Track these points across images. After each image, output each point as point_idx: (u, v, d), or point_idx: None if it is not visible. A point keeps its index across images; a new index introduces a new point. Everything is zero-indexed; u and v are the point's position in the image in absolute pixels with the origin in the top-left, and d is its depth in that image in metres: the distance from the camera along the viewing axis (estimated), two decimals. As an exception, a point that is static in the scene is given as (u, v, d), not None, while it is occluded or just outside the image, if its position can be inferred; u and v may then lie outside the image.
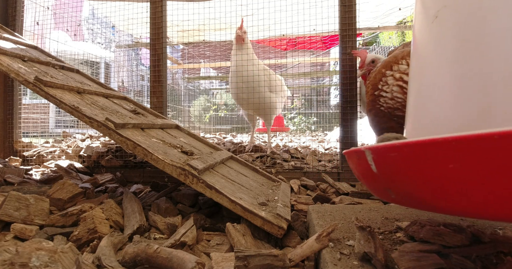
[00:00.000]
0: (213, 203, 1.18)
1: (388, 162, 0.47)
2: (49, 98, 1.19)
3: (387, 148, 0.46)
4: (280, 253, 0.70)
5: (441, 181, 0.40)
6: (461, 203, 0.40)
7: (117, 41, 5.51)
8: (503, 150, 0.32)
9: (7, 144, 2.11)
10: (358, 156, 0.55)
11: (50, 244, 0.74)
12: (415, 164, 0.43)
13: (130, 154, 1.93)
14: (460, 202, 0.40)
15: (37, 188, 1.23)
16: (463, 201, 0.39)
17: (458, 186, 0.38)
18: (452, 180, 0.39)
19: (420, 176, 0.43)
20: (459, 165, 0.37)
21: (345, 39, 1.81)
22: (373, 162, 0.50)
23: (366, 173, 0.54)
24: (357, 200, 1.31)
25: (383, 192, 0.54)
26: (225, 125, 8.08)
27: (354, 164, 0.60)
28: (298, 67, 6.94)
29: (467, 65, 0.57)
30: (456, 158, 0.37)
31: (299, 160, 2.07)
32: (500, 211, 0.36)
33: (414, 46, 0.78)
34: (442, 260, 0.60)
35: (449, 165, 0.37)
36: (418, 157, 0.42)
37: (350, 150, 0.59)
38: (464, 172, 0.37)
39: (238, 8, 2.35)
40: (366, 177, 0.57)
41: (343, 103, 1.81)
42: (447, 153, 0.38)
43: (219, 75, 8.04)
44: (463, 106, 0.57)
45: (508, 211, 0.35)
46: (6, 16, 2.20)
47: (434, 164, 0.40)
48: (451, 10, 0.61)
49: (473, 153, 0.35)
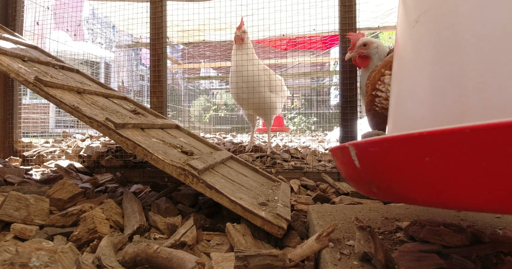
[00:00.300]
0: (213, 203, 1.18)
1: (370, 157, 0.50)
2: (49, 98, 1.19)
3: (368, 143, 0.48)
4: (280, 253, 0.70)
5: (418, 173, 0.42)
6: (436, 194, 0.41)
7: (117, 41, 5.51)
8: (474, 143, 0.35)
9: (7, 144, 2.11)
10: (342, 152, 0.57)
11: (50, 244, 0.74)
12: (394, 158, 0.45)
13: (130, 154, 1.93)
14: (436, 193, 0.41)
15: (37, 188, 1.23)
16: (438, 192, 0.41)
17: (434, 178, 0.40)
18: (428, 172, 0.41)
19: (398, 169, 0.46)
20: (434, 158, 0.39)
21: (345, 39, 1.81)
22: (356, 157, 0.52)
23: (350, 169, 0.57)
24: (357, 200, 1.31)
25: (365, 187, 0.56)
26: (225, 125, 8.08)
27: (339, 160, 0.63)
28: (298, 67, 6.94)
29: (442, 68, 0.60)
30: (431, 151, 0.39)
31: (299, 160, 2.07)
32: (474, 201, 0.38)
33: (396, 49, 0.81)
34: (442, 260, 0.60)
35: (425, 158, 0.40)
36: (397, 151, 0.44)
37: (334, 147, 0.62)
38: (439, 164, 0.39)
39: (238, 8, 2.35)
40: (349, 173, 0.59)
41: (343, 103, 1.81)
42: (423, 147, 0.40)
43: (219, 75, 8.04)
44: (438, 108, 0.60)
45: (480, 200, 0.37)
46: (6, 16, 2.20)
47: (411, 157, 0.42)
48: (430, 16, 0.63)
49: (446, 146, 0.37)
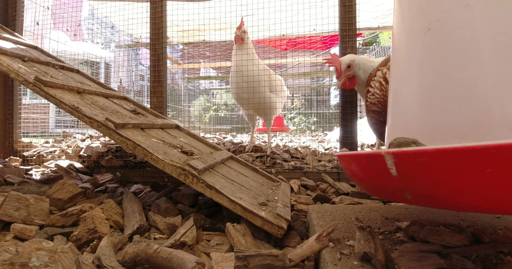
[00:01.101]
0: (213, 203, 1.18)
1: (415, 166, 0.50)
2: (49, 98, 1.19)
3: (416, 153, 0.49)
4: (280, 253, 0.70)
5: (477, 184, 0.44)
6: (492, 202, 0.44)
7: (116, 41, 5.51)
8: None
9: (7, 144, 2.11)
10: (371, 160, 0.58)
11: (50, 244, 0.74)
12: (450, 168, 0.46)
13: (130, 154, 1.93)
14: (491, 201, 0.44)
15: (37, 188, 1.23)
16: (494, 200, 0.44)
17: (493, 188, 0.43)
18: (488, 183, 0.43)
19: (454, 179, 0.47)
20: (495, 170, 0.41)
21: (345, 39, 1.81)
22: (394, 166, 0.53)
23: (380, 177, 0.57)
24: (357, 200, 1.31)
25: (395, 193, 0.58)
26: (225, 125, 8.08)
27: (361, 167, 0.62)
28: (298, 67, 6.94)
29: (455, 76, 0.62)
30: (493, 164, 0.41)
31: (299, 160, 2.07)
32: None
33: (393, 53, 0.81)
34: (442, 260, 0.60)
35: (486, 170, 0.42)
36: (454, 161, 0.46)
37: (356, 154, 0.62)
38: (499, 176, 0.41)
39: (238, 8, 2.35)
40: (377, 180, 0.60)
41: (343, 103, 1.81)
42: (486, 159, 0.42)
43: (219, 75, 8.04)
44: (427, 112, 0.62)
45: None
46: (6, 16, 2.20)
47: (472, 169, 0.44)
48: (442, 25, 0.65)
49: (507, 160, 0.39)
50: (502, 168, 0.41)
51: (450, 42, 0.64)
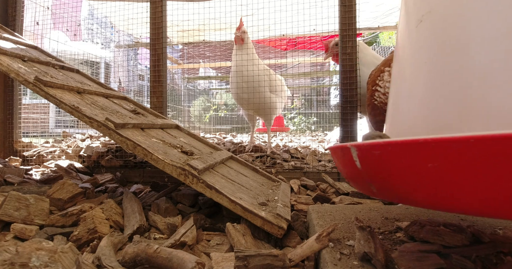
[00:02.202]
0: (213, 203, 1.18)
1: (372, 159, 0.51)
2: (49, 98, 1.19)
3: (371, 146, 0.50)
4: (280, 253, 0.70)
5: (421, 178, 0.44)
6: (437, 197, 0.43)
7: (116, 41, 5.51)
8: (477, 152, 0.36)
9: (7, 144, 2.11)
10: (343, 152, 0.59)
11: (50, 244, 0.74)
12: (397, 161, 0.47)
13: (130, 154, 1.93)
14: (437, 196, 0.43)
15: (37, 188, 1.23)
16: (439, 196, 0.43)
17: (436, 182, 0.42)
18: (430, 177, 0.42)
19: (401, 172, 0.47)
20: (437, 164, 0.40)
21: (345, 39, 1.81)
22: (357, 158, 0.54)
23: (350, 168, 0.59)
24: (357, 200, 1.31)
25: (365, 187, 0.58)
26: (225, 125, 8.07)
27: (339, 160, 0.64)
28: (298, 67, 6.94)
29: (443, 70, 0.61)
30: (434, 158, 0.40)
31: (299, 160, 2.07)
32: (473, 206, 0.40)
33: (396, 50, 0.81)
34: (442, 260, 0.60)
35: (428, 164, 0.41)
36: (400, 155, 0.46)
37: (334, 146, 0.63)
38: (441, 170, 0.40)
39: (238, 8, 2.35)
40: (349, 172, 0.61)
41: (343, 103, 1.81)
42: (427, 153, 0.41)
43: (219, 75, 8.04)
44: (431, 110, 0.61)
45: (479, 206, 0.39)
46: (6, 16, 2.20)
47: (414, 162, 0.44)
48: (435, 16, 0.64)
49: (450, 154, 0.39)
50: (442, 163, 0.40)
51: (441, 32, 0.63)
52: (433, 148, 0.40)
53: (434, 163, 0.40)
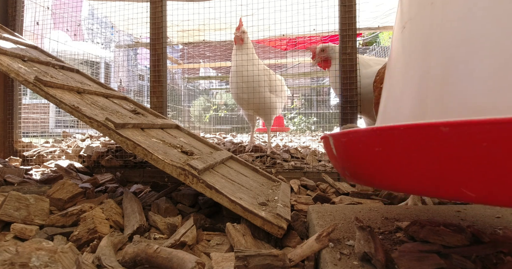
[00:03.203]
0: (213, 203, 1.18)
1: (341, 146, 0.61)
2: (49, 98, 1.19)
3: (340, 134, 0.60)
4: (280, 253, 0.70)
5: (373, 160, 0.53)
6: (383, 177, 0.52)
7: (116, 41, 5.51)
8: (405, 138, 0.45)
9: (7, 144, 2.11)
10: (325, 141, 0.69)
11: (50, 244, 0.74)
12: (355, 147, 0.56)
13: (130, 154, 1.93)
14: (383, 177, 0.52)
15: (37, 188, 1.23)
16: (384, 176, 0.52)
17: (382, 165, 0.51)
18: (378, 160, 0.51)
19: (360, 157, 0.57)
20: (381, 149, 0.49)
21: (345, 39, 1.81)
22: (333, 146, 0.64)
23: (331, 155, 0.68)
24: (357, 200, 1.31)
25: (341, 171, 0.67)
26: (225, 125, 8.07)
27: (325, 148, 0.75)
28: (298, 67, 6.93)
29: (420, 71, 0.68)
30: (379, 143, 0.49)
31: (299, 160, 2.07)
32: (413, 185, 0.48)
33: (393, 49, 0.88)
34: (442, 260, 0.60)
35: (375, 148, 0.50)
36: (357, 141, 0.55)
37: (322, 136, 0.73)
38: (385, 153, 0.49)
39: (238, 8, 2.35)
40: (331, 159, 0.71)
41: (343, 103, 1.81)
42: (375, 139, 0.50)
43: (219, 75, 8.04)
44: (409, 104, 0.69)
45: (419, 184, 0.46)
46: (6, 16, 2.20)
47: (367, 147, 0.53)
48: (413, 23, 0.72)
49: (389, 140, 0.48)
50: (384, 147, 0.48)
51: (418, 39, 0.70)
52: (379, 135, 0.49)
53: (379, 147, 0.49)
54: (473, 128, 0.37)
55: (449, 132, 0.39)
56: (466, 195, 0.40)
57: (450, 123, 0.39)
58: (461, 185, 0.40)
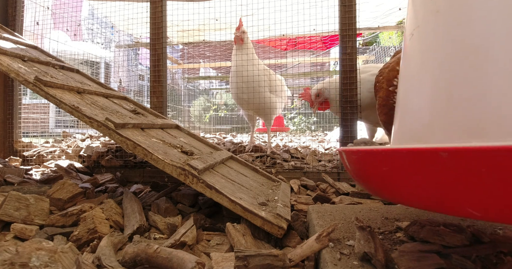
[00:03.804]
0: (213, 203, 1.18)
1: (352, 162, 0.64)
2: (49, 98, 1.19)
3: (350, 152, 0.63)
4: (280, 253, 0.70)
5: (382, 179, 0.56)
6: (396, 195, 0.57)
7: (116, 41, 5.51)
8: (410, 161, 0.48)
9: (7, 144, 2.11)
10: (340, 154, 0.74)
11: (50, 244, 0.74)
12: (364, 165, 0.60)
13: (130, 154, 1.93)
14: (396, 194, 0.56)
15: (37, 188, 1.23)
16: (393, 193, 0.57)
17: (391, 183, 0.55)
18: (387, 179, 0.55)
19: (368, 173, 0.60)
20: (389, 168, 0.53)
21: (345, 39, 1.81)
22: (346, 160, 0.67)
23: (346, 167, 0.72)
24: (357, 200, 1.31)
25: (357, 181, 0.70)
26: (225, 125, 8.07)
27: (341, 159, 0.80)
28: (298, 67, 6.93)
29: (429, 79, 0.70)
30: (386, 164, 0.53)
31: (299, 160, 2.07)
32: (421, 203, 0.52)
33: (403, 55, 0.88)
34: (442, 260, 0.60)
35: (383, 168, 0.54)
36: (366, 160, 0.59)
37: (337, 149, 0.79)
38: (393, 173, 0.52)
39: (238, 8, 2.35)
40: (347, 170, 0.74)
41: (343, 103, 1.81)
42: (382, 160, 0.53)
43: (219, 75, 8.03)
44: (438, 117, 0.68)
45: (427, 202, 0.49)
46: (6, 16, 2.20)
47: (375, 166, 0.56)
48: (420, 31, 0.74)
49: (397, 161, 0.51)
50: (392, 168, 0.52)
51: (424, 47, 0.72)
52: (386, 156, 0.52)
53: (386, 167, 0.53)
54: (470, 154, 0.39)
55: (448, 157, 0.41)
56: (472, 214, 0.42)
57: (448, 149, 0.41)
58: (465, 205, 0.42)
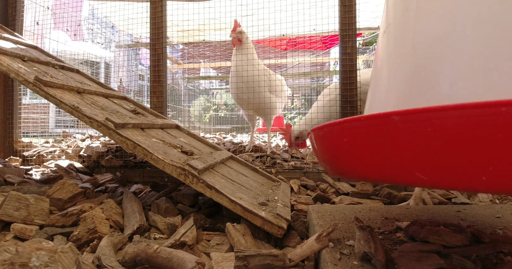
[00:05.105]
0: (213, 203, 1.18)
1: (318, 139, 0.65)
2: (49, 98, 1.19)
3: (317, 128, 0.63)
4: (280, 253, 0.70)
5: (344, 151, 0.56)
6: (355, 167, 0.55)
7: (117, 41, 5.51)
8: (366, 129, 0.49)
9: (7, 143, 2.11)
10: (310, 137, 0.73)
11: (50, 244, 0.74)
12: (328, 138, 0.60)
13: (130, 154, 1.93)
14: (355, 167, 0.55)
15: (37, 188, 1.23)
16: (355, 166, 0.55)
17: (351, 154, 0.55)
18: (348, 150, 0.55)
19: (332, 148, 0.61)
20: (349, 139, 0.54)
21: (345, 39, 1.81)
22: (314, 140, 0.67)
23: (314, 150, 0.72)
24: (357, 200, 1.31)
25: (323, 165, 0.70)
26: (225, 125, 8.06)
27: (311, 144, 0.81)
28: (298, 67, 6.93)
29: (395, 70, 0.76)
30: (347, 134, 0.54)
31: (299, 160, 2.07)
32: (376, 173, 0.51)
33: (376, 51, 0.95)
34: (442, 260, 0.60)
35: (343, 139, 0.54)
36: (330, 134, 0.59)
37: (307, 132, 0.77)
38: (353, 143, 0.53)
39: (238, 8, 2.35)
40: (315, 154, 0.75)
41: (343, 103, 1.81)
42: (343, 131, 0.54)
43: (219, 75, 8.03)
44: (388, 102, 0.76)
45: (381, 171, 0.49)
46: (6, 16, 2.20)
47: (337, 139, 0.56)
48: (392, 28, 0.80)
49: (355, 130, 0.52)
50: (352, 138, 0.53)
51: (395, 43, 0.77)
52: (346, 127, 0.53)
53: (348, 138, 0.53)
54: (419, 115, 0.40)
55: (399, 120, 0.42)
56: (420, 179, 0.42)
57: (400, 112, 0.42)
58: (414, 169, 0.42)
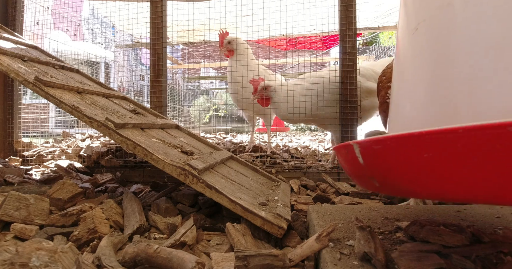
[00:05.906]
0: (213, 203, 1.18)
1: (373, 154, 0.54)
2: (49, 98, 1.19)
3: (372, 141, 0.53)
4: (280, 253, 0.70)
5: (419, 168, 0.47)
6: (435, 187, 0.46)
7: (117, 41, 5.51)
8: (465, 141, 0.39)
9: (7, 143, 2.11)
10: (346, 150, 0.62)
11: (50, 244, 0.74)
12: (396, 154, 0.50)
13: (130, 154, 1.93)
14: (434, 186, 0.46)
15: (37, 188, 1.23)
16: (436, 185, 0.46)
17: (433, 172, 0.45)
18: (427, 167, 0.45)
19: (401, 164, 0.50)
20: (431, 154, 0.43)
21: (345, 39, 1.81)
22: (360, 155, 0.57)
23: (354, 165, 0.62)
24: (357, 200, 1.31)
25: (368, 182, 0.61)
26: (225, 125, 8.06)
27: (343, 158, 0.67)
28: (298, 67, 6.93)
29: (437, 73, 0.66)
30: (429, 148, 0.43)
31: (299, 160, 2.07)
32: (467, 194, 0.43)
33: (397, 53, 0.86)
34: (442, 260, 0.60)
35: (423, 154, 0.44)
36: (398, 148, 0.49)
37: (339, 145, 0.67)
38: (436, 160, 0.43)
39: (238, 8, 2.35)
40: (353, 169, 0.64)
41: (343, 103, 1.81)
42: (422, 144, 0.44)
43: (219, 75, 8.03)
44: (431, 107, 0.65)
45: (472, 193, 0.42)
46: (6, 16, 2.20)
47: (412, 154, 0.46)
48: (428, 25, 0.69)
49: (442, 144, 0.42)
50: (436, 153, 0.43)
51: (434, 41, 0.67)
52: (428, 139, 0.43)
53: (429, 153, 0.43)
54: None
55: None
56: None
57: None
58: None
